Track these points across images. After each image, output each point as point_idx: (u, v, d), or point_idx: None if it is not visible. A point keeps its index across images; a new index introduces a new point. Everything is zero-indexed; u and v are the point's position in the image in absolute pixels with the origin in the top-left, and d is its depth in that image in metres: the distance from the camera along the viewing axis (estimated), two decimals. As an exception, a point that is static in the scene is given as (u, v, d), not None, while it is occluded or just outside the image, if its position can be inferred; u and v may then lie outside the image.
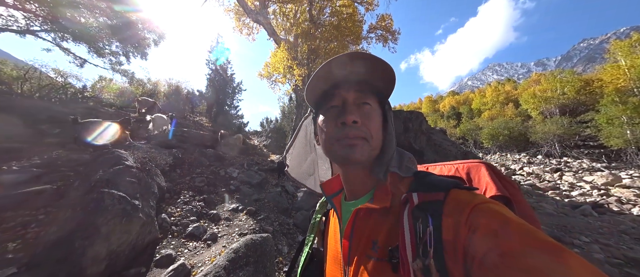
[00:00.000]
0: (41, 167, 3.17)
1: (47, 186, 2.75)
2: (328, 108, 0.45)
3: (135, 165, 3.16)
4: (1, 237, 2.02)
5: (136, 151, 4.44)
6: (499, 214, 0.30)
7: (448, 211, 0.33)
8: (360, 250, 0.40)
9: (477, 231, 0.29)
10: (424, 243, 0.32)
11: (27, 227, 2.19)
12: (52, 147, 3.96)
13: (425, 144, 9.26)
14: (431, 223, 0.32)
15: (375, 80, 0.44)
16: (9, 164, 3.11)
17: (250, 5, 8.28)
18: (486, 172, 0.48)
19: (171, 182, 4.15)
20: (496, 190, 0.44)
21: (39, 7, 6.77)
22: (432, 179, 0.40)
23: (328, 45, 7.72)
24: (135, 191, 2.70)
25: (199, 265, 2.39)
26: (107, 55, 8.76)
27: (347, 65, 0.42)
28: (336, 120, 0.42)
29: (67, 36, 7.63)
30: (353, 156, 0.40)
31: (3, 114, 4.30)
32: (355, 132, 0.41)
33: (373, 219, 0.41)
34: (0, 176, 2.76)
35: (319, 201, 0.64)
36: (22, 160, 3.30)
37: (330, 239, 0.52)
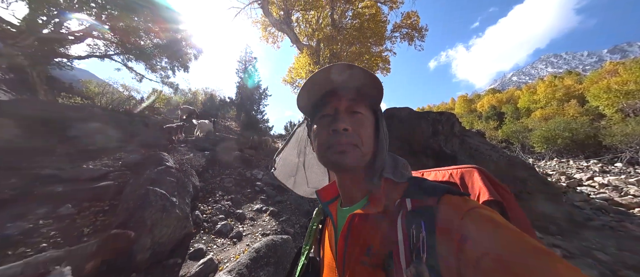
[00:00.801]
0: (108, 167, 3.82)
1: (111, 182, 3.29)
2: (320, 117, 0.46)
3: (174, 166, 3.57)
4: (81, 222, 2.48)
5: (175, 153, 5.03)
6: (490, 220, 0.30)
7: (440, 216, 0.33)
8: (355, 256, 0.40)
9: (469, 236, 0.29)
10: (417, 249, 0.32)
11: (97, 216, 2.65)
12: (116, 149, 4.74)
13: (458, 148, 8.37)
14: (424, 229, 0.33)
15: (366, 89, 0.45)
16: (87, 163, 3.83)
17: (276, 16, 8.76)
18: (479, 177, 0.48)
19: (204, 182, 4.57)
20: (489, 195, 0.44)
21: (113, 35, 8.34)
22: (426, 185, 0.40)
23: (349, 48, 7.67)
24: (173, 189, 3.04)
25: (225, 261, 2.55)
26: (158, 71, 10.25)
27: (338, 75, 0.43)
28: (328, 128, 0.43)
29: (131, 57, 9.19)
30: (344, 161, 0.41)
31: (87, 122, 5.34)
32: (346, 139, 0.42)
33: (368, 225, 0.41)
34: (81, 173, 3.41)
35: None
36: (96, 160, 4.03)
37: (326, 247, 0.52)
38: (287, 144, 0.70)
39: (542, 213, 4.82)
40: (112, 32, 8.22)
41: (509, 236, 0.28)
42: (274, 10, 8.74)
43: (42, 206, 2.52)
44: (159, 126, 6.46)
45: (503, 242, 0.27)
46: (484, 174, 0.49)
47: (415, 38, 8.79)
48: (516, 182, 6.85)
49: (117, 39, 8.41)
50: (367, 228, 0.41)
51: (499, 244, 0.27)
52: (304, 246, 0.58)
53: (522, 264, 0.25)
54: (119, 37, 8.37)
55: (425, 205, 0.35)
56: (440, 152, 7.38)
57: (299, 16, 9.13)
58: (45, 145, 4.08)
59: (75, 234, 2.27)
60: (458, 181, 0.50)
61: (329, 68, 0.43)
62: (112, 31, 8.20)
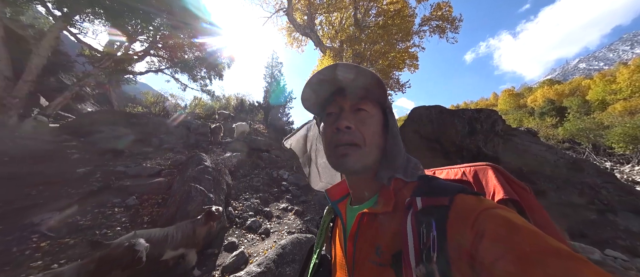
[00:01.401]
0: (161, 165, 4.50)
1: (163, 179, 3.87)
2: (327, 115, 0.47)
3: (211, 165, 4.00)
4: (142, 212, 2.99)
5: (212, 154, 5.62)
6: (507, 220, 0.28)
7: (453, 216, 0.32)
8: (364, 255, 0.40)
9: (484, 237, 0.28)
10: (428, 248, 0.31)
11: (154, 207, 3.16)
12: (166, 150, 5.55)
13: (501, 149, 7.32)
14: (435, 228, 0.32)
15: (372, 87, 0.45)
16: (145, 162, 4.58)
17: (300, 21, 9.07)
18: (493, 175, 0.46)
19: (235, 180, 5.00)
20: (504, 193, 0.42)
21: (165, 52, 9.83)
22: (437, 184, 0.39)
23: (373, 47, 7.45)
24: (210, 186, 3.41)
25: (254, 255, 2.75)
26: (198, 80, 11.62)
27: (344, 73, 0.43)
28: (332, 126, 0.44)
29: (178, 69, 10.64)
30: (345, 165, 0.42)
31: (145, 128, 6.39)
32: (348, 138, 0.42)
33: (377, 224, 0.41)
34: (142, 170, 4.10)
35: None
36: (152, 160, 4.78)
37: (336, 245, 0.52)
38: (296, 133, 0.71)
39: (627, 230, 3.89)
40: (164, 50, 9.68)
41: (527, 237, 0.26)
42: (298, 15, 9.06)
43: (117, 197, 3.12)
44: (200, 129, 7.33)
45: (521, 244, 0.25)
46: (499, 172, 0.47)
47: (447, 30, 8.02)
48: (583, 190, 5.66)
49: (168, 55, 9.87)
50: (376, 227, 0.41)
51: (517, 246, 0.25)
52: (315, 244, 0.58)
53: (542, 268, 0.23)
54: (168, 54, 9.81)
55: (436, 204, 0.35)
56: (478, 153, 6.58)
57: (322, 19, 9.27)
58: (118, 146, 5.02)
59: (139, 221, 2.75)
60: (471, 179, 0.48)
61: (334, 66, 0.44)
62: (164, 49, 9.65)
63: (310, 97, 0.49)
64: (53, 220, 2.35)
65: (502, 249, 0.26)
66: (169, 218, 2.73)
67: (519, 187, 0.44)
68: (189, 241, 2.19)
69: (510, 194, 0.42)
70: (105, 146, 4.81)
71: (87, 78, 8.36)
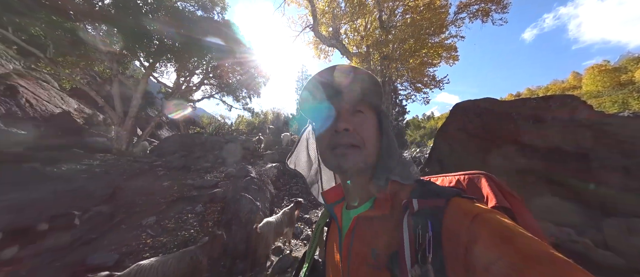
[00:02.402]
0: (217, 178, 5.34)
1: (220, 189, 4.58)
2: (324, 118, 0.47)
3: (256, 176, 4.52)
4: (207, 217, 3.62)
5: (255, 166, 6.30)
6: (501, 225, 0.29)
7: (449, 218, 0.33)
8: (360, 259, 0.41)
9: (479, 240, 0.28)
10: (423, 249, 0.31)
11: (214, 213, 3.77)
12: (220, 164, 6.52)
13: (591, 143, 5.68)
14: (431, 229, 0.32)
15: (368, 91, 0.45)
16: (206, 175, 5.51)
17: (325, 34, 9.50)
18: (486, 183, 0.46)
19: (277, 189, 5.46)
20: (496, 201, 0.42)
21: (214, 80, 11.79)
22: (434, 187, 0.40)
23: (402, 46, 7.11)
24: (256, 195, 3.87)
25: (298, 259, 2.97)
26: (240, 100, 13.34)
27: (341, 77, 0.45)
28: (331, 129, 0.44)
29: (224, 93, 12.52)
30: (345, 164, 0.42)
31: (202, 145, 7.70)
32: (347, 140, 0.42)
33: (373, 227, 0.41)
34: (204, 182, 4.96)
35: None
36: (211, 173, 5.71)
37: (331, 249, 0.52)
38: (296, 147, 0.66)
39: None
40: (213, 78, 11.60)
41: (522, 242, 0.26)
42: (324, 29, 9.51)
43: (188, 205, 3.87)
44: (245, 144, 8.37)
45: (516, 249, 0.26)
46: (492, 180, 0.47)
47: (491, 12, 6.98)
48: None
49: (216, 82, 11.77)
50: (372, 230, 0.41)
51: (512, 250, 0.26)
52: (308, 248, 0.58)
53: (537, 271, 0.23)
54: (217, 81, 11.68)
55: (432, 205, 0.35)
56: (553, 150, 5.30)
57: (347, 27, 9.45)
58: (186, 163, 6.20)
59: (205, 226, 3.34)
60: (465, 186, 0.48)
61: (331, 69, 0.45)
62: (213, 77, 11.56)
63: (308, 100, 0.49)
64: (150, 222, 3.12)
65: (497, 253, 0.26)
66: (227, 223, 3.23)
67: (510, 196, 0.45)
68: (291, 221, 3.16)
69: (503, 202, 0.42)
70: (178, 164, 6.01)
71: (164, 110, 10.70)
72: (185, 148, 7.33)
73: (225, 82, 11.82)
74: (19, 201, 2.98)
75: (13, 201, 2.99)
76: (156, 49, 8.65)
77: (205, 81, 11.67)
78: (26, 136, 5.92)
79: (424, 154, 16.52)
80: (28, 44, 7.31)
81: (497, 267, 0.26)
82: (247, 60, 12.17)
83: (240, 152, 7.30)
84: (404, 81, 9.06)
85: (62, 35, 7.40)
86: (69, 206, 2.69)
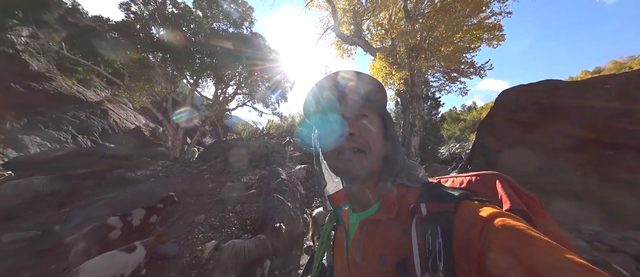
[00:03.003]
0: (252, 180, 5.84)
1: (255, 191, 5.00)
2: (329, 123, 0.46)
3: (286, 178, 4.78)
4: (245, 216, 4.01)
5: (286, 168, 6.64)
6: (517, 230, 0.27)
7: (459, 223, 0.31)
8: (367, 264, 0.40)
9: (493, 247, 0.27)
10: (434, 256, 0.30)
11: (251, 213, 4.16)
12: (255, 167, 7.10)
13: None
14: (441, 235, 0.31)
15: (372, 94, 0.45)
16: (242, 177, 6.09)
17: (347, 33, 9.40)
18: (500, 184, 0.43)
19: (306, 190, 5.67)
20: (511, 204, 0.39)
21: (246, 89, 12.95)
22: (442, 190, 0.38)
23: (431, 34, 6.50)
24: (288, 196, 4.09)
25: (327, 261, 3.05)
26: (270, 106, 14.24)
27: (345, 82, 0.45)
28: (336, 134, 0.44)
29: (255, 100, 13.58)
30: (352, 171, 0.41)
31: (238, 150, 8.52)
32: (352, 144, 0.42)
33: (380, 232, 0.40)
34: (241, 184, 5.49)
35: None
36: (246, 176, 6.29)
37: (338, 253, 0.51)
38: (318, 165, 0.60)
39: None
40: (245, 88, 12.73)
41: (540, 248, 0.24)
42: (345, 28, 9.42)
43: (229, 205, 4.35)
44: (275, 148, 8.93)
45: (533, 255, 0.24)
46: (505, 181, 0.43)
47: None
48: None
49: (248, 91, 12.89)
50: (379, 235, 0.40)
51: (529, 256, 0.24)
52: (316, 252, 0.57)
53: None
54: (248, 90, 12.78)
55: (441, 210, 0.34)
56: None
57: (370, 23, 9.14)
58: (226, 167, 6.96)
59: (243, 224, 3.71)
60: (477, 188, 0.45)
61: (335, 75, 0.45)
62: (245, 87, 12.68)
63: (312, 106, 0.49)
64: (200, 219, 3.64)
65: (513, 260, 0.24)
66: (262, 222, 3.52)
67: (527, 198, 0.41)
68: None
69: (518, 204, 0.39)
70: (219, 167, 6.79)
71: (208, 119, 12.23)
72: (224, 153, 8.27)
73: (256, 90, 12.83)
74: (113, 199, 3.85)
75: (110, 199, 3.89)
76: (198, 67, 9.98)
77: (238, 91, 12.88)
78: (114, 148, 7.53)
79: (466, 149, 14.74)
80: (113, 75, 9.35)
81: (514, 276, 0.24)
82: (274, 68, 12.97)
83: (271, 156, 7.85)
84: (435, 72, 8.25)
85: (133, 66, 9.23)
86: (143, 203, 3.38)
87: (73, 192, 4.38)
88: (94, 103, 11.06)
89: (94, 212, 3.42)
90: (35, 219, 3.57)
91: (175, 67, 9.88)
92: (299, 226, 3.65)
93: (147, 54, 9.27)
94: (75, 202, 4.11)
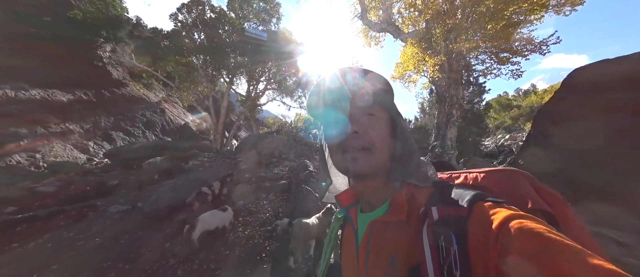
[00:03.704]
0: (283, 171, 6.29)
1: (285, 182, 5.40)
2: (334, 121, 0.45)
3: (314, 170, 5.01)
4: (277, 205, 4.42)
5: (313, 160, 6.90)
6: (536, 233, 0.25)
7: (473, 228, 0.30)
8: (378, 266, 0.39)
9: (510, 252, 0.25)
10: (449, 264, 0.29)
11: (283, 202, 4.55)
12: (284, 159, 7.59)
13: None
14: (455, 242, 0.30)
15: (378, 91, 0.44)
16: (273, 168, 6.60)
17: (375, 20, 8.86)
18: (519, 181, 0.40)
19: (332, 182, 5.83)
20: (532, 203, 0.36)
21: (275, 84, 13.61)
22: (454, 191, 0.37)
23: (477, 8, 5.58)
24: (315, 187, 4.32)
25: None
26: (297, 99, 14.70)
27: (351, 79, 0.44)
28: (340, 132, 0.43)
29: (283, 95, 14.20)
30: (356, 169, 0.41)
31: (269, 142, 9.17)
32: (357, 142, 0.41)
33: (390, 233, 0.40)
34: (274, 175, 5.98)
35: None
36: (277, 167, 6.79)
37: (346, 253, 0.51)
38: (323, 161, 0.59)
39: None
40: (274, 83, 13.38)
41: (563, 253, 0.22)
42: (373, 15, 8.88)
43: (263, 193, 4.84)
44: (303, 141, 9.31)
45: (556, 262, 0.22)
46: (526, 178, 0.40)
47: None
48: None
49: (276, 86, 13.53)
50: (389, 236, 0.39)
51: (551, 264, 0.22)
52: (324, 251, 0.56)
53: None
54: (277, 85, 13.41)
55: (454, 214, 0.32)
56: None
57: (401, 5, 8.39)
58: (260, 159, 7.62)
59: (277, 212, 4.11)
60: (493, 186, 0.42)
61: (340, 72, 0.44)
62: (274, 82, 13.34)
63: (317, 104, 0.48)
64: (240, 205, 4.20)
65: (534, 267, 0.23)
66: (292, 211, 3.84)
67: (550, 196, 0.38)
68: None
69: (540, 203, 0.36)
70: (254, 159, 7.49)
71: (242, 114, 13.39)
72: (256, 145, 9.03)
73: (284, 85, 13.37)
74: (174, 185, 4.71)
75: (172, 184, 4.77)
76: (233, 65, 10.89)
77: (268, 87, 13.63)
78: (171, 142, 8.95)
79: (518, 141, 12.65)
80: (167, 78, 10.99)
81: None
82: (301, 61, 13.23)
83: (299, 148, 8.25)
84: (479, 53, 7.12)
85: (181, 69, 10.66)
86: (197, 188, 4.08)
87: (165, 173, 5.88)
88: (154, 103, 13.25)
89: (162, 195, 4.28)
90: (125, 197, 4.67)
91: (214, 68, 11.01)
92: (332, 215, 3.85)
93: (192, 57, 10.55)
94: (147, 186, 5.21)
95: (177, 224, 3.54)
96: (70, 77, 9.74)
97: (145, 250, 3.08)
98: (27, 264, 2.84)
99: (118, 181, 5.51)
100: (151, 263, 2.83)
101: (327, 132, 0.47)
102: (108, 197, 4.75)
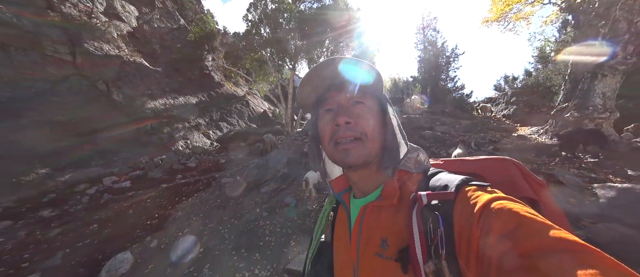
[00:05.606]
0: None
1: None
2: (324, 112, 0.46)
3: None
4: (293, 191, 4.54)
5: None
6: (514, 213, 0.27)
7: (459, 210, 0.32)
8: (370, 248, 0.41)
9: (491, 231, 0.27)
10: (436, 245, 0.31)
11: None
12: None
13: None
14: (442, 224, 0.31)
15: (368, 81, 0.44)
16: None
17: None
18: (509, 170, 0.44)
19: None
20: (519, 190, 0.40)
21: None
22: (443, 176, 0.39)
23: None
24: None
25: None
26: (357, 75, 13.84)
27: (342, 69, 0.43)
28: (332, 122, 0.43)
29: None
30: (349, 160, 0.41)
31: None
32: (348, 133, 0.41)
33: (382, 217, 0.41)
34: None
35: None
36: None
37: (339, 235, 0.52)
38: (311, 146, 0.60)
39: None
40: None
41: (538, 228, 0.24)
42: None
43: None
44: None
45: (531, 236, 0.24)
46: (515, 166, 0.45)
47: None
48: None
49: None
50: (381, 219, 0.41)
51: (527, 238, 0.24)
52: (315, 231, 0.58)
53: (554, 259, 0.21)
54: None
55: (442, 199, 0.34)
56: None
57: None
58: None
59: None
60: (484, 173, 0.45)
61: (332, 60, 0.43)
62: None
63: (307, 93, 0.48)
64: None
65: (511, 242, 0.24)
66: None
67: (536, 183, 0.43)
68: None
69: (528, 192, 0.41)
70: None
71: (305, 98, 14.32)
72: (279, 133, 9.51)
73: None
74: (258, 165, 5.82)
75: (256, 163, 5.92)
76: (294, 52, 11.42)
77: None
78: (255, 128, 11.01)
79: None
80: (247, 74, 13.23)
81: (511, 259, 0.24)
82: (358, 30, 11.93)
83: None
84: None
85: (255, 64, 12.43)
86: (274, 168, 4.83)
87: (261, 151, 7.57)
88: (241, 97, 16.52)
89: (250, 171, 5.41)
90: (230, 171, 6.29)
91: (279, 57, 12.01)
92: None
93: (261, 52, 11.95)
94: (267, 154, 6.75)
95: (264, 196, 4.44)
96: (194, 85, 13.78)
97: (245, 212, 4.13)
98: (188, 211, 4.55)
99: (225, 160, 7.50)
100: (249, 222, 3.79)
101: (319, 122, 0.47)
102: (220, 172, 6.60)
